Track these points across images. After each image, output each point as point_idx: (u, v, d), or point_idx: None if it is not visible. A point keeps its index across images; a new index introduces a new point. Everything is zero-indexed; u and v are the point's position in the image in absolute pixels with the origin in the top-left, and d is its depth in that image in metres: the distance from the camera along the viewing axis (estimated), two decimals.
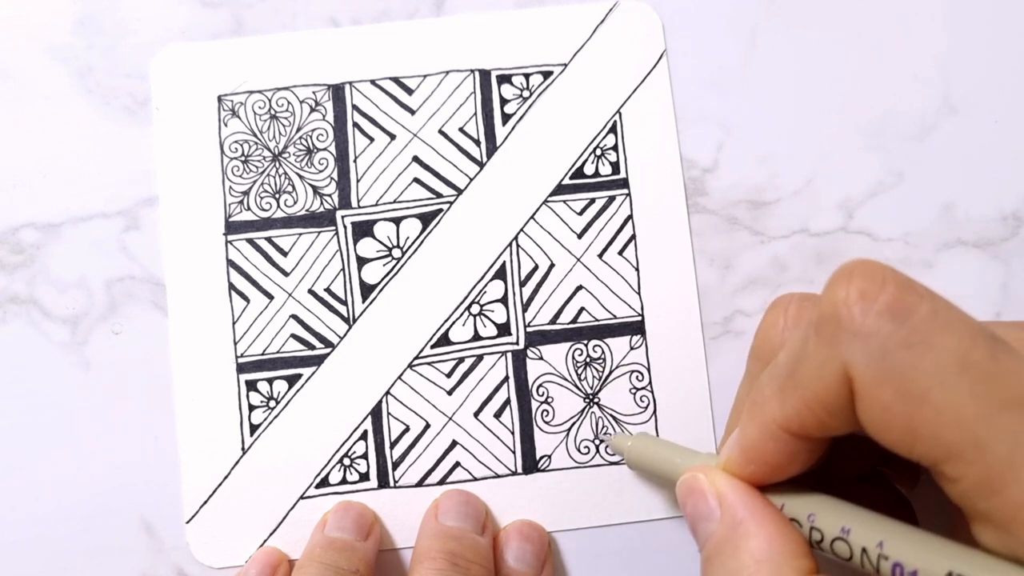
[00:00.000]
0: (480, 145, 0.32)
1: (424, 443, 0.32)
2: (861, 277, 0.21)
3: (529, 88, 0.33)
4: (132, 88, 0.33)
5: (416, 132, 0.33)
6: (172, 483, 0.31)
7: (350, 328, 0.32)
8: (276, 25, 0.33)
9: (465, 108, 0.33)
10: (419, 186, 0.32)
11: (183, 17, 0.33)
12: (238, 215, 0.32)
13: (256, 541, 0.31)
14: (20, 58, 0.33)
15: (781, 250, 0.33)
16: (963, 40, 0.33)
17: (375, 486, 0.31)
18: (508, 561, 0.30)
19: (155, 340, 0.32)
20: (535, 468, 0.32)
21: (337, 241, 0.32)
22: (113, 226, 0.32)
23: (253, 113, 0.33)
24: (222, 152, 0.32)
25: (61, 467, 0.31)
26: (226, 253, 0.32)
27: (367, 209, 0.32)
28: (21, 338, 0.32)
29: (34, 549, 0.31)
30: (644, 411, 0.32)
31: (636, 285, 0.32)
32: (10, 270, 0.32)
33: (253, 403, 0.32)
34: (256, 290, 0.32)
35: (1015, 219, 0.33)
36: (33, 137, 0.33)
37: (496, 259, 0.32)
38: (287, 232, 0.32)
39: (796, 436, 0.23)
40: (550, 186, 0.32)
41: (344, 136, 0.33)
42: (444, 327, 0.32)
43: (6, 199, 0.32)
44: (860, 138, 0.33)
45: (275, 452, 0.31)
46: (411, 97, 0.33)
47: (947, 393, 0.20)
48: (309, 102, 0.33)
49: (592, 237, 0.32)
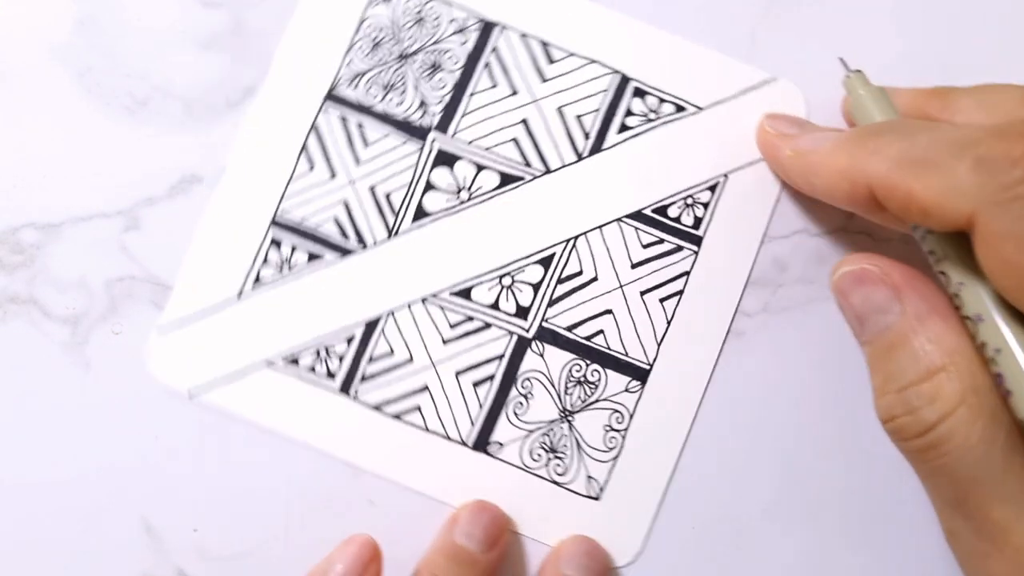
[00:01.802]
0: (587, 139, 0.33)
1: (399, 374, 0.32)
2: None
3: (657, 112, 0.33)
4: (132, 88, 0.33)
5: (537, 98, 0.33)
6: (172, 483, 0.31)
7: (388, 239, 0.32)
8: (276, 26, 0.33)
9: (591, 100, 0.33)
10: (515, 147, 0.33)
11: (183, 17, 0.33)
12: (343, 90, 0.33)
13: (214, 381, 0.32)
14: (20, 58, 0.33)
15: (781, 250, 0.32)
16: (963, 40, 0.33)
17: (336, 389, 0.32)
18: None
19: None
20: (484, 448, 0.32)
21: (418, 157, 0.32)
22: (113, 226, 0.32)
23: (403, 7, 0.33)
24: (358, 28, 0.33)
25: (61, 467, 0.31)
26: (315, 116, 0.33)
27: (458, 143, 0.33)
28: (21, 338, 0.32)
29: (34, 549, 0.31)
30: (606, 452, 0.32)
31: (660, 337, 0.32)
32: (10, 270, 0.32)
33: (269, 259, 0.32)
34: (324, 162, 0.32)
35: None
36: (33, 137, 0.32)
37: (548, 247, 0.32)
38: (379, 126, 0.33)
39: (871, 202, 0.25)
40: (630, 208, 0.32)
41: (471, 70, 0.33)
42: (471, 282, 0.32)
43: (6, 199, 0.32)
44: None
45: (264, 311, 0.32)
46: (550, 66, 0.33)
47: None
48: (458, 23, 0.33)
49: (644, 273, 0.32)
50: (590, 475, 0.32)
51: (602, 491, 0.32)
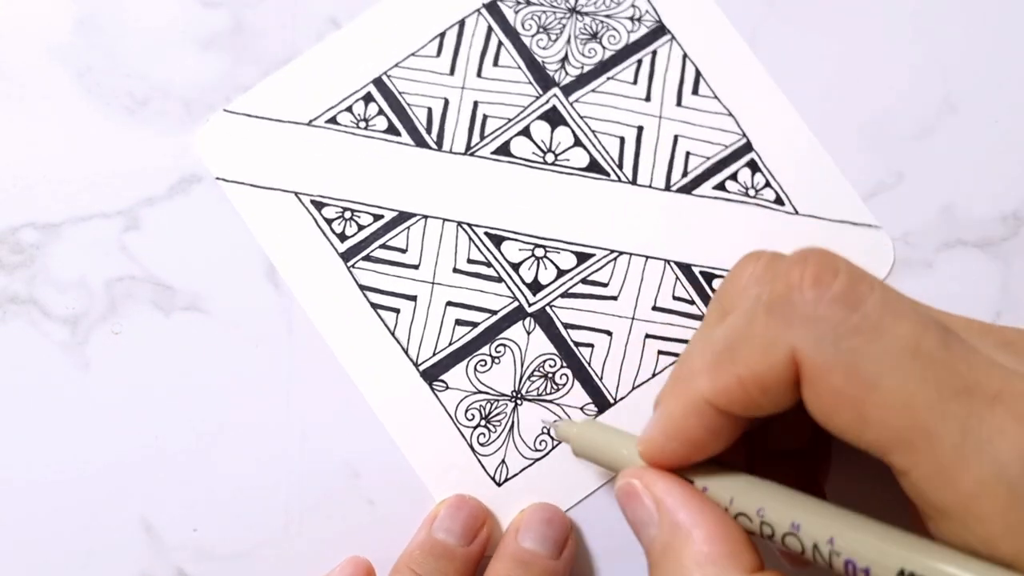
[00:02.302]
0: (684, 177, 0.32)
1: (400, 272, 0.32)
2: (815, 263, 0.21)
3: (758, 192, 0.32)
4: (132, 88, 0.33)
5: (663, 116, 0.33)
6: (172, 483, 0.32)
7: (463, 154, 0.32)
8: (276, 26, 0.33)
9: (708, 147, 0.33)
10: (618, 145, 0.33)
11: (183, 17, 0.33)
12: (504, 7, 0.33)
13: (244, 179, 0.32)
14: (20, 58, 0.33)
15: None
16: (963, 40, 0.33)
17: (339, 252, 0.32)
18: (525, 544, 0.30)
19: (155, 340, 0.32)
20: (430, 380, 0.32)
21: (531, 102, 0.33)
22: (113, 226, 0.32)
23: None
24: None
25: (61, 467, 0.31)
26: (468, 14, 0.33)
27: (573, 112, 0.33)
28: (21, 338, 0.32)
29: (34, 549, 0.31)
30: (531, 450, 0.32)
31: (637, 381, 0.32)
32: (10, 270, 0.32)
33: (353, 108, 0.33)
34: (451, 56, 0.33)
35: (1015, 219, 0.32)
36: (33, 137, 0.32)
37: (593, 246, 0.32)
38: (515, 56, 0.33)
39: (720, 412, 0.23)
40: (683, 258, 0.32)
41: (624, 57, 0.33)
42: (509, 234, 0.32)
43: (6, 199, 0.32)
44: (860, 138, 0.33)
45: (322, 148, 0.32)
46: (691, 96, 0.33)
47: (897, 380, 0.20)
48: (637, 10, 0.33)
49: (659, 320, 0.32)
50: (504, 460, 0.32)
51: (506, 481, 0.32)
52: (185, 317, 0.32)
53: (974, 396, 0.20)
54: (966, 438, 0.19)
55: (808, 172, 0.33)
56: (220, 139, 0.32)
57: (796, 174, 0.33)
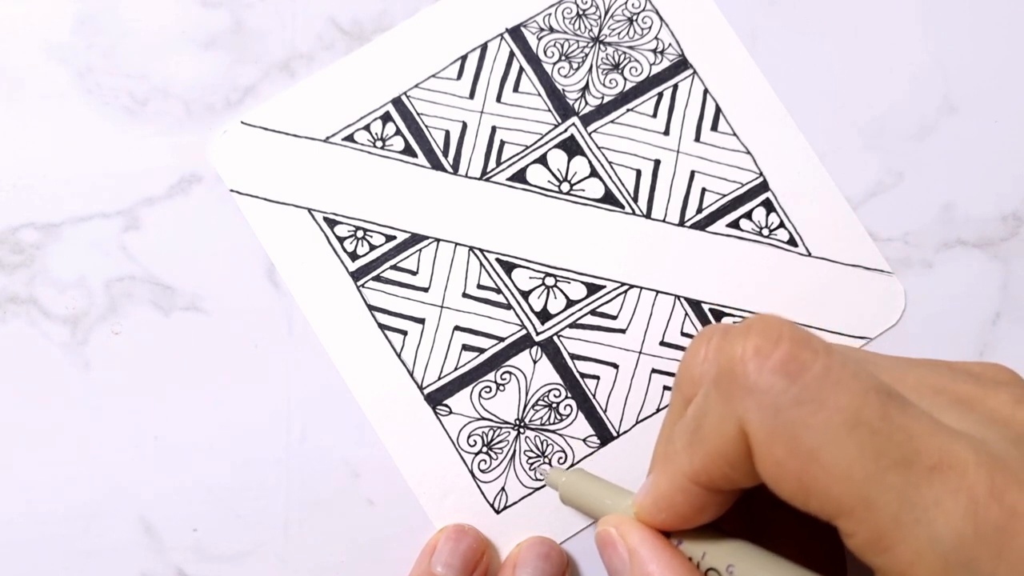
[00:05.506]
0: (698, 214, 0.32)
1: (409, 294, 0.32)
2: (758, 333, 0.21)
3: (771, 232, 0.32)
4: (132, 88, 0.33)
5: (680, 151, 0.33)
6: (172, 483, 0.31)
7: (478, 179, 0.32)
8: (276, 25, 0.33)
9: (723, 184, 0.33)
10: (634, 178, 0.32)
11: (183, 17, 0.33)
12: (528, 33, 0.33)
13: (257, 193, 0.32)
14: (20, 58, 0.33)
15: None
16: (963, 40, 0.33)
17: (349, 270, 0.32)
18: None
19: (155, 340, 0.32)
20: (434, 404, 0.32)
21: (549, 130, 0.33)
22: (113, 226, 0.32)
23: (624, 0, 0.33)
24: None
25: (61, 467, 0.31)
26: (491, 38, 0.33)
27: (590, 142, 0.33)
28: (21, 338, 0.32)
29: (34, 549, 0.31)
30: (532, 480, 0.31)
31: (641, 416, 0.32)
32: (10, 270, 0.32)
33: (371, 127, 0.32)
34: (471, 80, 0.33)
35: (1015, 219, 0.32)
36: (33, 137, 0.32)
37: (604, 278, 0.32)
38: (536, 83, 0.33)
39: (705, 488, 0.23)
40: (694, 295, 0.32)
41: (645, 90, 0.33)
42: (520, 262, 0.32)
43: (6, 199, 0.32)
44: (860, 138, 0.33)
45: (336, 165, 0.32)
46: (710, 132, 0.33)
47: (836, 452, 0.20)
48: (660, 44, 0.33)
49: (667, 355, 0.32)
50: (504, 488, 0.32)
51: (505, 509, 0.31)
52: (185, 317, 0.32)
53: (912, 467, 0.20)
54: (903, 508, 0.20)
55: (823, 214, 0.33)
56: (235, 151, 0.32)
57: (811, 215, 0.33)
